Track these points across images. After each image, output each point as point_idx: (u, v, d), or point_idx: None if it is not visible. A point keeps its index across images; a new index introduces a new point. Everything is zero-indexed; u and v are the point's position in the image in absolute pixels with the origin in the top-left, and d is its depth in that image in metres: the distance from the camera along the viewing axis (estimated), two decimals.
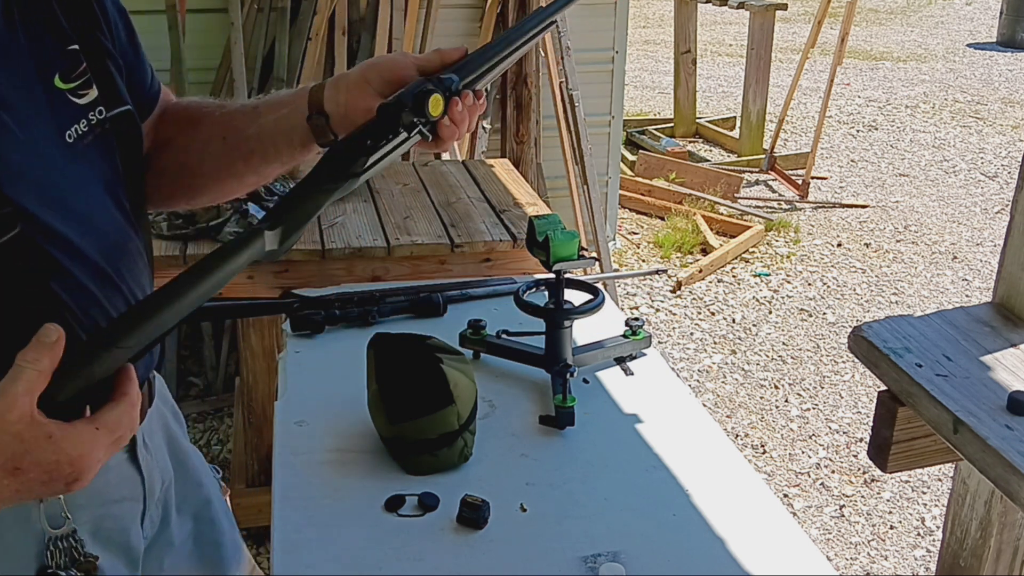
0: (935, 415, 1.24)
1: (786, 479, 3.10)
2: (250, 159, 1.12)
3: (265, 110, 1.11)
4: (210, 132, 1.12)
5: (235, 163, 1.12)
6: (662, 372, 1.64)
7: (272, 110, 1.10)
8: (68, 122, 0.95)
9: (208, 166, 1.13)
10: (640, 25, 11.81)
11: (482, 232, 2.35)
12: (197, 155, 1.13)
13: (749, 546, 1.20)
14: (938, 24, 12.37)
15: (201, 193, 1.18)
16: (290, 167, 1.14)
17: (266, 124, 1.09)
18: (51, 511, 0.94)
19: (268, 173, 1.14)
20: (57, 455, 0.77)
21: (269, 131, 1.09)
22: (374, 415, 1.40)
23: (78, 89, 0.97)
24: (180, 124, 1.15)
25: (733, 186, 5.61)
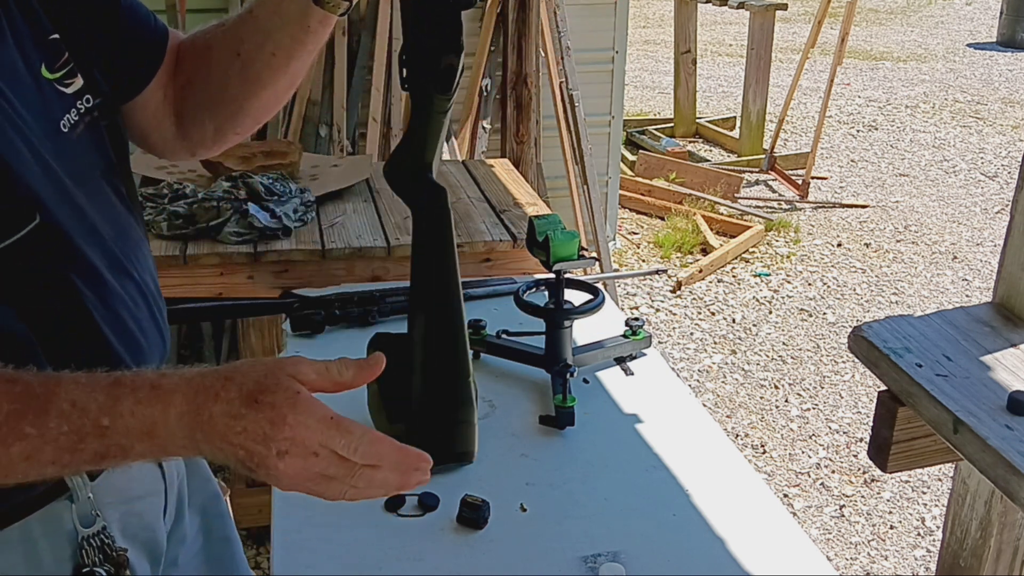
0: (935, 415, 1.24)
1: (786, 479, 3.10)
2: (271, 62, 1.07)
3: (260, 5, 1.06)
4: (221, 54, 1.08)
5: (260, 73, 1.07)
6: (662, 372, 1.64)
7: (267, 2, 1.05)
8: (60, 112, 0.94)
9: (235, 88, 1.09)
10: (640, 25, 11.81)
11: (482, 232, 2.35)
12: (219, 82, 1.09)
13: (749, 546, 1.20)
14: (938, 24, 12.37)
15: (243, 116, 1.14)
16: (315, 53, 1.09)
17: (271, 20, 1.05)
18: (82, 511, 0.94)
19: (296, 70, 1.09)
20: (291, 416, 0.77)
21: (276, 25, 1.04)
22: (374, 415, 1.40)
23: (64, 78, 0.95)
24: (193, 60, 1.11)
25: (733, 186, 5.61)
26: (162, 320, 1.06)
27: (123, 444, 0.76)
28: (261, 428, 0.77)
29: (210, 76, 1.10)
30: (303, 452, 0.79)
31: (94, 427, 0.75)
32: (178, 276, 2.16)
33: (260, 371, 0.79)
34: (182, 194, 2.32)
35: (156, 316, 1.04)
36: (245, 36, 1.07)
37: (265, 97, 1.11)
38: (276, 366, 0.80)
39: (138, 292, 0.99)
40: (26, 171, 0.85)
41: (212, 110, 1.12)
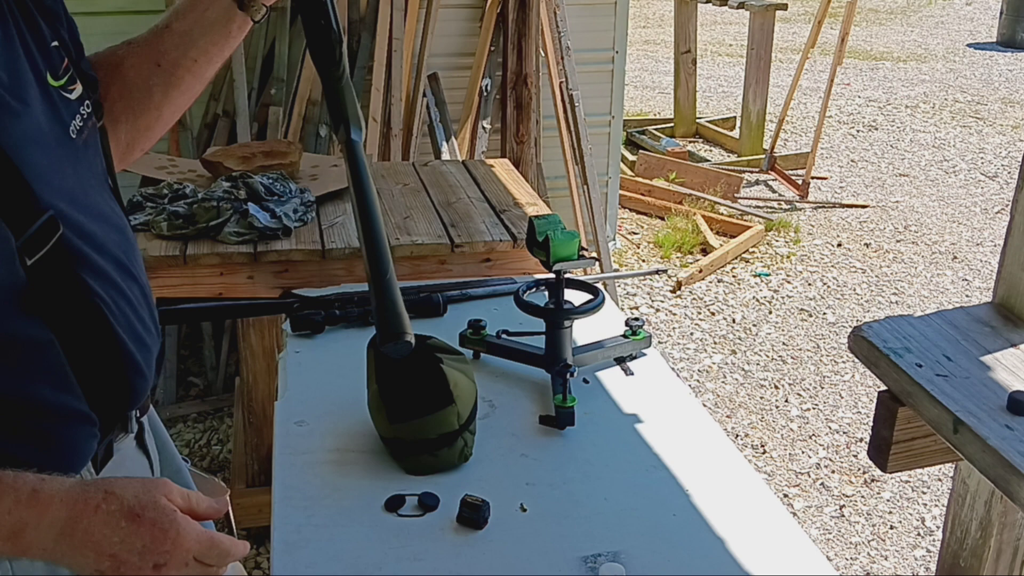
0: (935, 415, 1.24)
1: (786, 479, 3.10)
2: (193, 67, 1.15)
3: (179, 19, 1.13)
4: (139, 66, 1.13)
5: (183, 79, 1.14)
6: (662, 372, 1.64)
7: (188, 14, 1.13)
8: (68, 119, 0.96)
9: (158, 96, 1.15)
10: (640, 25, 11.81)
11: (482, 232, 2.35)
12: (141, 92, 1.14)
13: (749, 546, 1.20)
14: (938, 24, 12.37)
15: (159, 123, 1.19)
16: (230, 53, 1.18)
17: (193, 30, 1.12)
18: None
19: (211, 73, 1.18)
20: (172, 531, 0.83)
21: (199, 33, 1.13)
22: (374, 415, 1.40)
23: (67, 85, 0.98)
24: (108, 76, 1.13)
25: (733, 186, 5.61)
26: (156, 318, 1.10)
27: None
28: (141, 541, 0.82)
29: (128, 89, 1.14)
30: (178, 564, 0.84)
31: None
32: (178, 276, 2.16)
33: (137, 488, 0.84)
34: (182, 194, 2.32)
35: (153, 314, 1.09)
36: (165, 47, 1.13)
37: (182, 102, 1.18)
38: (151, 485, 0.86)
39: (140, 293, 1.03)
40: (41, 185, 0.88)
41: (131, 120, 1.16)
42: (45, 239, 0.88)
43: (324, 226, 2.34)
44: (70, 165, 0.94)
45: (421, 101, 3.85)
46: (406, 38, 3.76)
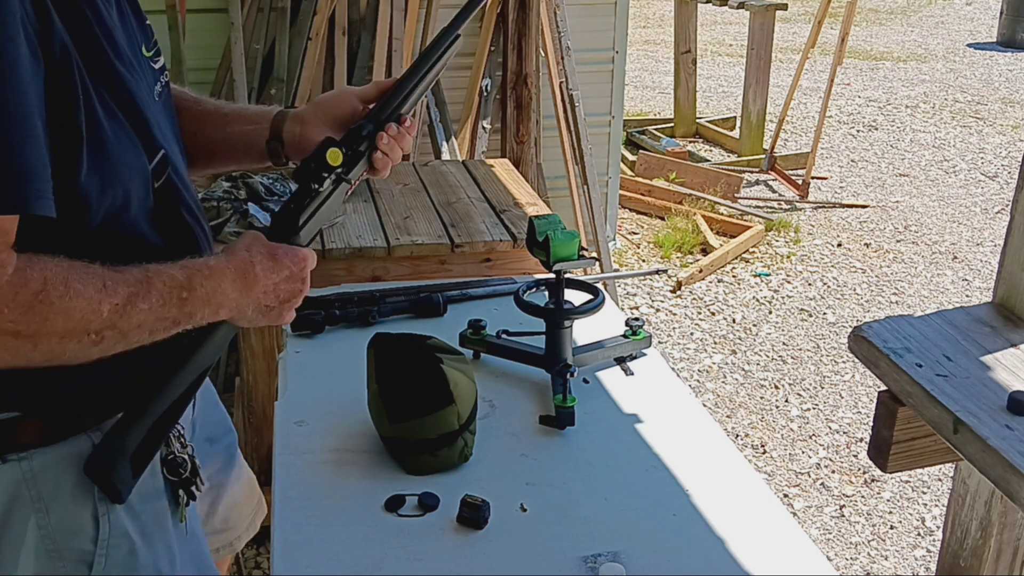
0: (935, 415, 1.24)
1: (786, 479, 3.10)
2: (212, 158, 1.37)
3: (233, 120, 1.35)
4: (184, 125, 1.29)
5: (198, 157, 1.33)
6: (662, 372, 1.64)
7: (239, 122, 1.34)
8: (153, 82, 1.17)
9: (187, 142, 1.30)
10: (640, 25, 11.81)
11: (482, 232, 2.35)
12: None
13: (749, 546, 1.20)
14: (938, 24, 12.37)
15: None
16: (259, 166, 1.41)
17: (232, 134, 1.34)
18: None
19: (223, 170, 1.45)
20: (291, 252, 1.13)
21: (233, 141, 1.34)
22: (374, 415, 1.40)
23: (154, 57, 1.19)
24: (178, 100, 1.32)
25: (733, 186, 5.61)
26: None
27: (192, 311, 1.05)
28: (287, 269, 1.13)
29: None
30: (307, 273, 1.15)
31: (177, 299, 1.03)
32: None
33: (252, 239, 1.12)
34: None
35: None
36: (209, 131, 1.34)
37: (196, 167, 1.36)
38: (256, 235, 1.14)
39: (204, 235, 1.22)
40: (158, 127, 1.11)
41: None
42: (162, 170, 1.11)
43: (324, 226, 2.34)
44: (162, 119, 1.15)
45: (421, 101, 3.85)
46: (406, 38, 3.76)
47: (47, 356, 0.97)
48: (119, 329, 0.99)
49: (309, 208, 1.19)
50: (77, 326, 0.96)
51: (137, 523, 1.14)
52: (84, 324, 0.96)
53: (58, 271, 0.95)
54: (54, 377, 1.02)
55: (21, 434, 1.06)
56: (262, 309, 1.12)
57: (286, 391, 1.57)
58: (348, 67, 3.72)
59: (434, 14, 3.84)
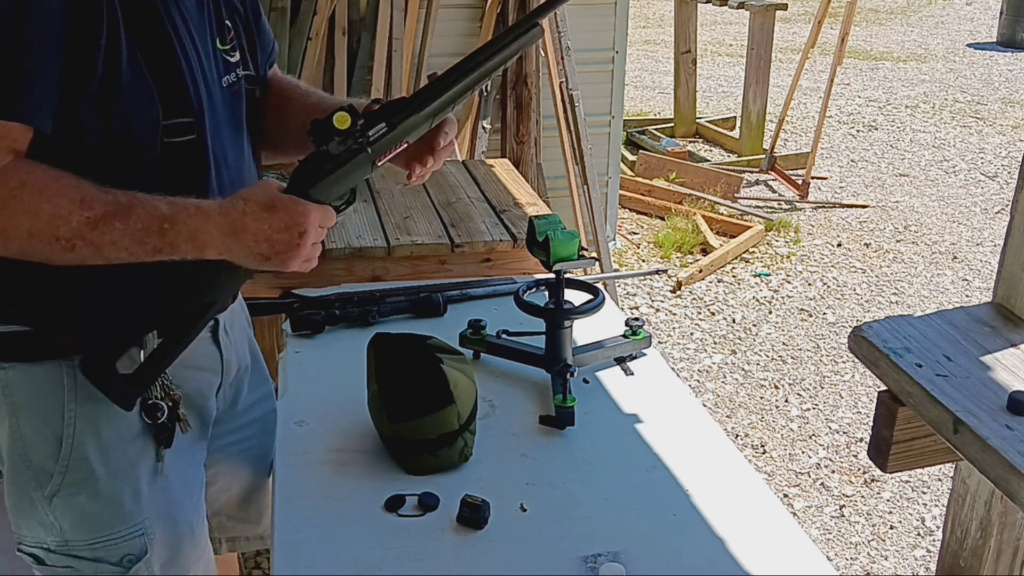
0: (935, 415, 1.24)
1: (786, 479, 3.10)
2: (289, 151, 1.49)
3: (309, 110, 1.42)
4: (292, 121, 1.42)
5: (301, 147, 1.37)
6: (662, 372, 1.64)
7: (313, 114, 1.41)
8: (224, 72, 1.29)
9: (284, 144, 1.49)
10: (640, 25, 11.81)
11: (482, 232, 2.35)
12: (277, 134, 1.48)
13: (749, 546, 1.20)
14: (938, 24, 12.37)
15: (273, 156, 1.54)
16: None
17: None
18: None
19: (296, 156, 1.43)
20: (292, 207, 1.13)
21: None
22: (374, 415, 1.40)
23: (230, 51, 1.32)
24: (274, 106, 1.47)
25: (733, 186, 5.60)
26: None
27: (174, 243, 1.11)
28: (282, 221, 1.12)
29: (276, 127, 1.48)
30: (312, 229, 1.14)
31: (158, 228, 1.09)
32: None
33: (259, 190, 1.15)
34: None
35: None
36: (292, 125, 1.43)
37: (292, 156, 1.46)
38: (265, 186, 1.16)
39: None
40: (197, 102, 1.21)
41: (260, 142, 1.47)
42: (183, 132, 1.19)
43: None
44: (222, 105, 1.27)
45: None
46: (406, 38, 3.76)
47: (19, 251, 1.09)
48: (90, 241, 1.08)
49: (319, 167, 1.19)
50: (45, 228, 1.06)
51: (104, 457, 1.25)
52: (52, 229, 1.06)
53: (39, 177, 1.06)
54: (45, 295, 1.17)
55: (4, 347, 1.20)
56: (255, 256, 1.14)
57: (286, 391, 1.57)
58: (348, 67, 3.72)
59: (434, 14, 3.84)
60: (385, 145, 1.20)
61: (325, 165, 1.19)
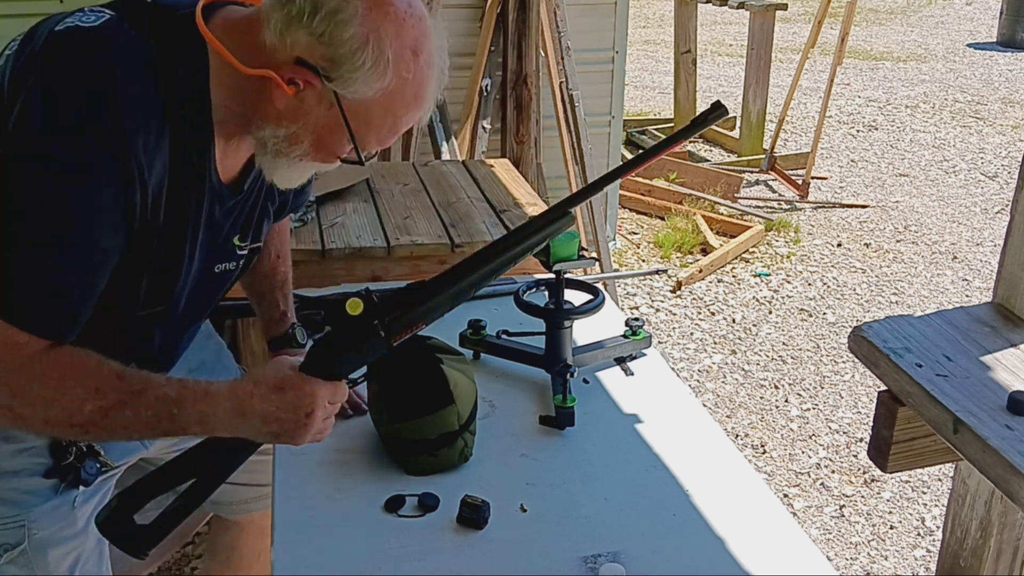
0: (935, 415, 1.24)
1: (786, 479, 3.10)
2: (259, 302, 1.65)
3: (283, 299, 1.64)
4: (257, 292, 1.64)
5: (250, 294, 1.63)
6: (662, 372, 1.64)
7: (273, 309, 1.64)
8: (223, 260, 1.32)
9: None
10: (640, 25, 11.81)
11: (482, 232, 2.35)
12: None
13: (749, 546, 1.20)
14: (938, 24, 12.37)
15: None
16: None
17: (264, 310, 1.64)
18: None
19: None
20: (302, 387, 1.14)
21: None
22: (374, 415, 1.40)
23: (242, 245, 1.35)
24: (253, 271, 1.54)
25: (733, 186, 5.61)
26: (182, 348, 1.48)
27: (184, 426, 1.13)
28: (290, 402, 1.12)
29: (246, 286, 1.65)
30: (321, 406, 1.14)
31: (168, 414, 1.11)
32: None
33: (270, 370, 1.16)
34: None
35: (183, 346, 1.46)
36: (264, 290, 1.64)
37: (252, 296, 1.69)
38: (278, 365, 1.17)
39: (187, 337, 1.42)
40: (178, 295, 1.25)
41: None
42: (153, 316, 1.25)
43: (324, 226, 2.34)
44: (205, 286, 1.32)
45: None
46: None
47: (36, 433, 1.17)
48: (103, 427, 1.11)
49: (333, 348, 1.17)
50: (59, 417, 1.09)
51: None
52: (67, 417, 1.09)
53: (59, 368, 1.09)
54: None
55: None
56: (264, 434, 1.15)
57: None
58: None
59: (434, 14, 3.83)
60: (401, 328, 1.17)
61: (339, 346, 1.17)
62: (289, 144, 1.16)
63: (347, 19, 1.07)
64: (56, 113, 1.03)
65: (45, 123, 1.03)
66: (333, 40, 1.07)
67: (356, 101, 1.11)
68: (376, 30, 1.07)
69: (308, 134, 1.15)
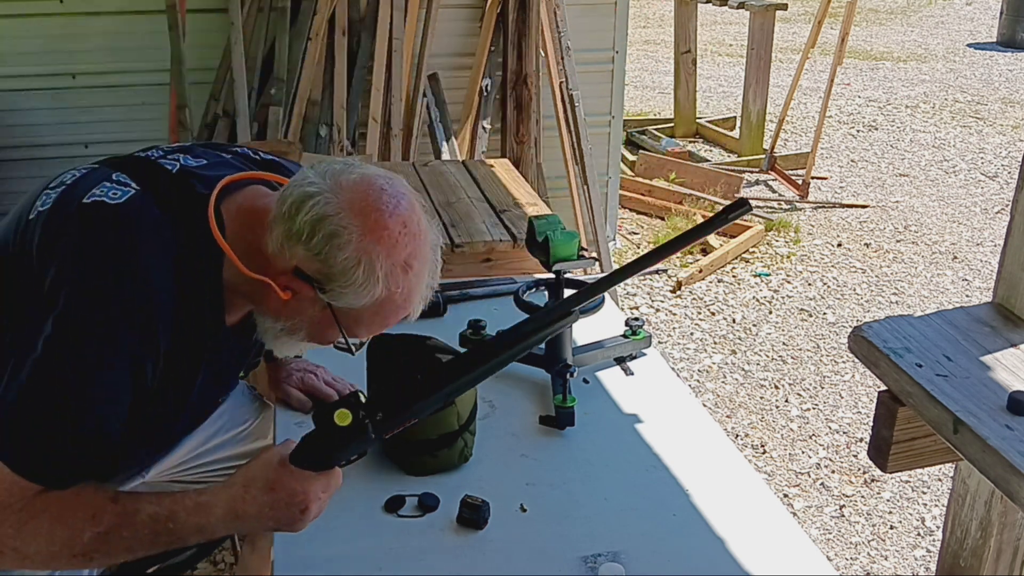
0: (935, 415, 1.24)
1: (786, 479, 3.10)
2: None
3: None
4: None
5: None
6: (662, 372, 1.64)
7: None
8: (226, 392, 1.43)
9: None
10: (640, 25, 11.81)
11: (482, 232, 2.35)
12: None
13: (749, 546, 1.20)
14: (938, 24, 12.37)
15: None
16: None
17: None
18: None
19: None
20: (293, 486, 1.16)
21: None
22: None
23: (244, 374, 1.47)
24: None
25: (733, 186, 5.60)
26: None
27: (183, 537, 1.17)
28: (284, 500, 1.16)
29: None
30: (314, 501, 1.16)
31: (164, 530, 1.16)
32: None
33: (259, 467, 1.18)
34: None
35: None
36: None
37: None
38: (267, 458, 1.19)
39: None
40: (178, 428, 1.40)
41: None
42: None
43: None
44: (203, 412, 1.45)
45: (421, 101, 3.85)
46: (406, 38, 3.76)
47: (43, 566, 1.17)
48: (104, 552, 1.16)
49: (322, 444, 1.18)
50: (60, 550, 1.13)
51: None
52: (68, 548, 1.13)
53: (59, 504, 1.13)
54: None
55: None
56: (262, 529, 1.22)
57: None
58: (348, 67, 3.72)
59: (434, 14, 3.84)
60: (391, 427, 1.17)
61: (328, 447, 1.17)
62: (288, 333, 1.26)
63: (343, 243, 1.14)
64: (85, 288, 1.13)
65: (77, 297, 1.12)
66: (328, 259, 1.15)
67: (346, 308, 1.20)
68: (368, 253, 1.15)
69: (304, 326, 1.24)
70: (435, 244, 1.24)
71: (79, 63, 3.74)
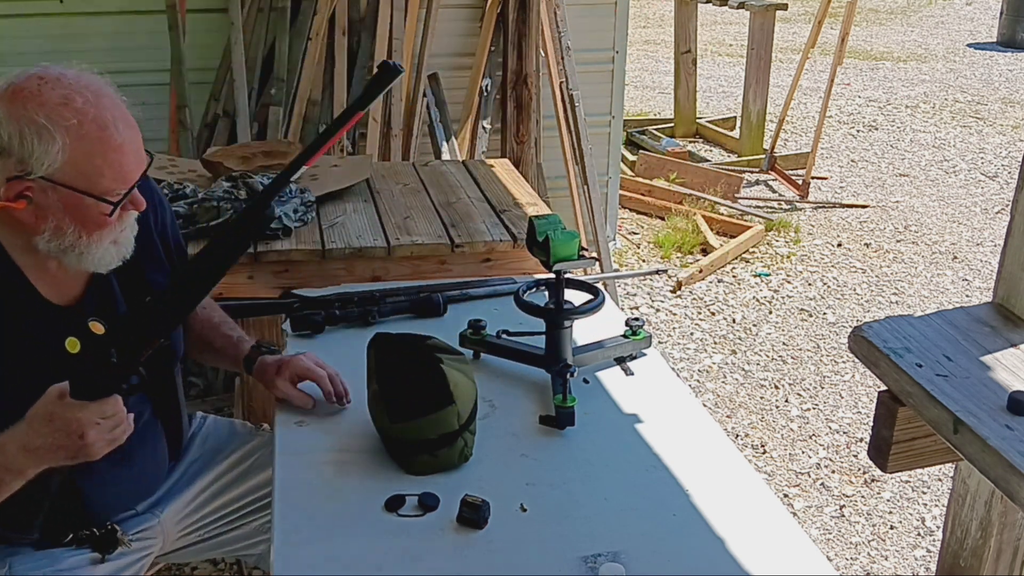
0: (935, 415, 1.24)
1: (786, 479, 3.10)
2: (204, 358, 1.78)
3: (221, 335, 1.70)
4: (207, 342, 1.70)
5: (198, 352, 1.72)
6: (662, 372, 1.64)
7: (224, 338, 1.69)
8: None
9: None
10: (640, 25, 11.81)
11: (482, 232, 2.35)
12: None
13: (749, 546, 1.20)
14: (938, 24, 12.37)
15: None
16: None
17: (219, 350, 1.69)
18: None
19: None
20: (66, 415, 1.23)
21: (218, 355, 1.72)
22: (374, 415, 1.40)
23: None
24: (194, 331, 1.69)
25: (733, 186, 5.60)
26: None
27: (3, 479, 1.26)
28: (61, 429, 1.24)
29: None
30: (90, 428, 1.24)
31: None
32: None
33: (39, 404, 1.25)
34: (182, 194, 2.32)
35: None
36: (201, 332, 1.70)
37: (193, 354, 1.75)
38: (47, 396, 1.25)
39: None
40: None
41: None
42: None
43: (324, 226, 2.34)
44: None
45: (421, 101, 3.85)
46: (406, 38, 3.76)
47: None
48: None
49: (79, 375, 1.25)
50: None
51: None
52: None
53: None
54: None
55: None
56: (60, 460, 1.27)
57: None
58: (348, 67, 3.72)
59: (434, 14, 3.84)
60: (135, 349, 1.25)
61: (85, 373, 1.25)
62: (60, 238, 1.30)
63: (2, 128, 1.23)
64: None
65: None
66: (6, 149, 1.24)
67: (62, 170, 1.25)
68: (19, 114, 1.23)
69: (64, 221, 1.29)
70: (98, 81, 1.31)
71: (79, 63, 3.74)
